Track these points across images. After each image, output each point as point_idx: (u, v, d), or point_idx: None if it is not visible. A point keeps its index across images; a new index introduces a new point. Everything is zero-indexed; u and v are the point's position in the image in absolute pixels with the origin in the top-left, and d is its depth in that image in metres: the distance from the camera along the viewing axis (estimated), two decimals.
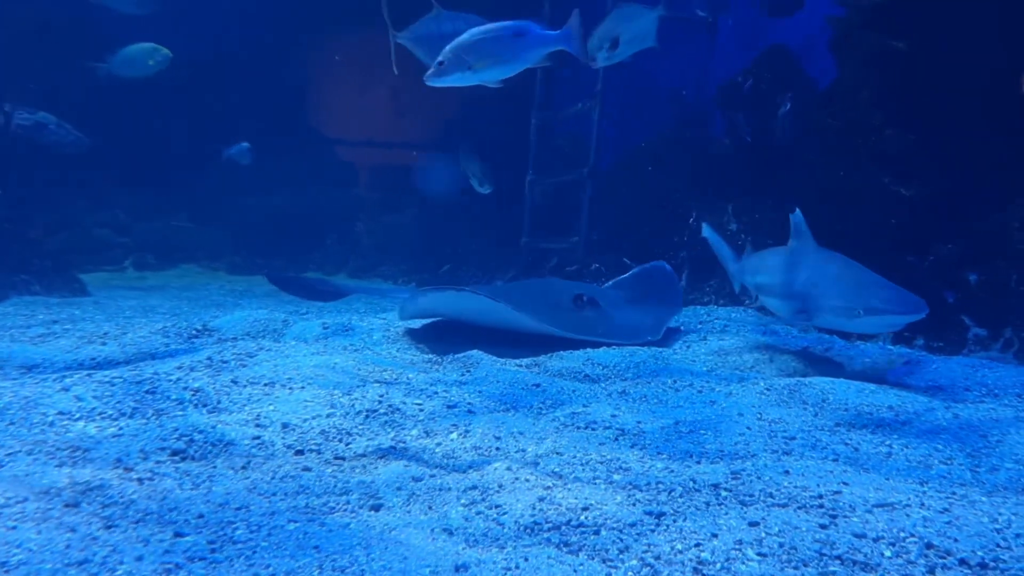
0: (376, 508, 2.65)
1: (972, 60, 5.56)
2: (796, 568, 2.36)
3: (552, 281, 7.30)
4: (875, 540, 2.55)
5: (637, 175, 8.83)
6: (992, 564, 2.42)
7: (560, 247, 9.16)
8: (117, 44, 10.30)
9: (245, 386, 4.40)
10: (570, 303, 6.07)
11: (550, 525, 2.56)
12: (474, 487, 2.85)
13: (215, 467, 3.04)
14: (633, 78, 9.13)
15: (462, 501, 2.73)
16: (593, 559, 2.37)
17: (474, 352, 5.82)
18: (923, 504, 2.81)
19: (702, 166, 8.38)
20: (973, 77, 5.61)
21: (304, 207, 14.13)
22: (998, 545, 2.53)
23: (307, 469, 3.01)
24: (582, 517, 2.61)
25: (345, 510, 2.61)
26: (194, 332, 6.30)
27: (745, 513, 2.69)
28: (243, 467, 3.03)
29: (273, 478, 2.86)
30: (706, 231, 6.19)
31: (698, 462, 3.27)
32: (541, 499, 2.75)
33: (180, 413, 3.85)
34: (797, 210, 5.08)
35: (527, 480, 2.94)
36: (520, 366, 5.50)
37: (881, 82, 5.86)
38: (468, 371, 5.17)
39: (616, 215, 8.87)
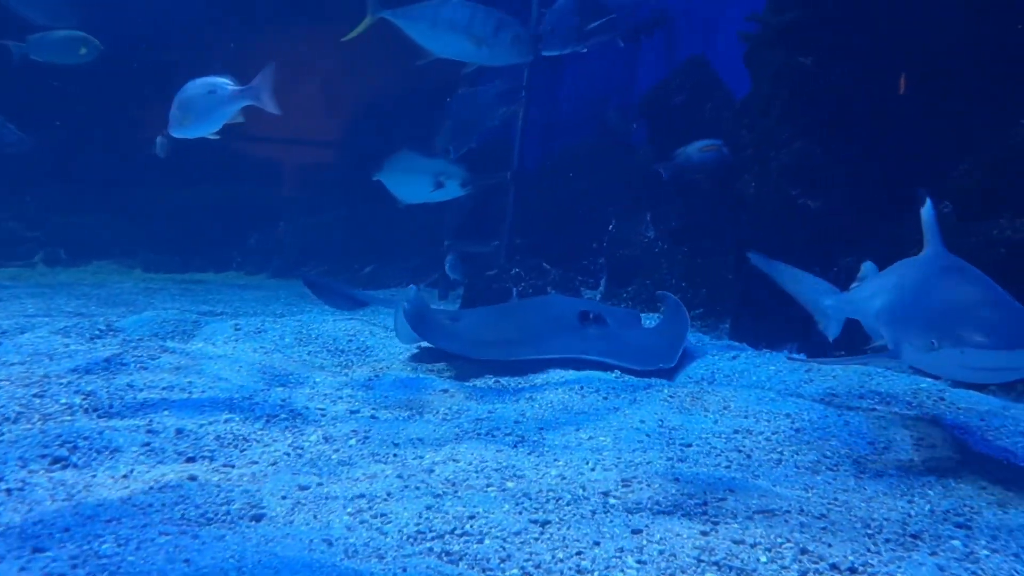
0: (257, 518, 2.60)
1: (873, 77, 5.76)
2: (673, 575, 2.40)
3: (554, 299, 6.78)
4: (752, 546, 2.61)
5: (560, 181, 8.91)
6: (861, 569, 2.50)
7: (483, 250, 9.18)
8: (34, 27, 9.94)
9: (142, 390, 4.28)
10: (575, 322, 5.61)
11: (434, 534, 2.55)
12: (362, 495, 2.82)
13: (95, 476, 2.94)
14: (558, 85, 9.20)
15: (348, 510, 2.69)
16: (473, 568, 2.37)
17: (385, 357, 5.79)
18: (803, 510, 2.89)
19: (622, 174, 8.49)
20: (873, 93, 5.81)
21: (226, 204, 13.83)
22: (868, 550, 2.62)
23: (192, 478, 2.94)
24: (467, 526, 2.61)
25: (224, 521, 2.56)
26: (97, 332, 6.10)
27: (630, 521, 2.72)
28: (124, 476, 2.94)
29: (153, 488, 2.78)
30: (757, 260, 4.92)
31: (592, 469, 3.30)
32: (429, 507, 2.73)
33: (68, 418, 3.71)
34: (928, 201, 3.70)
35: (417, 488, 2.92)
36: (431, 371, 5.49)
37: (790, 97, 6.03)
38: (377, 376, 5.12)
39: (538, 220, 8.92)
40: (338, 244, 12.13)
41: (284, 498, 2.76)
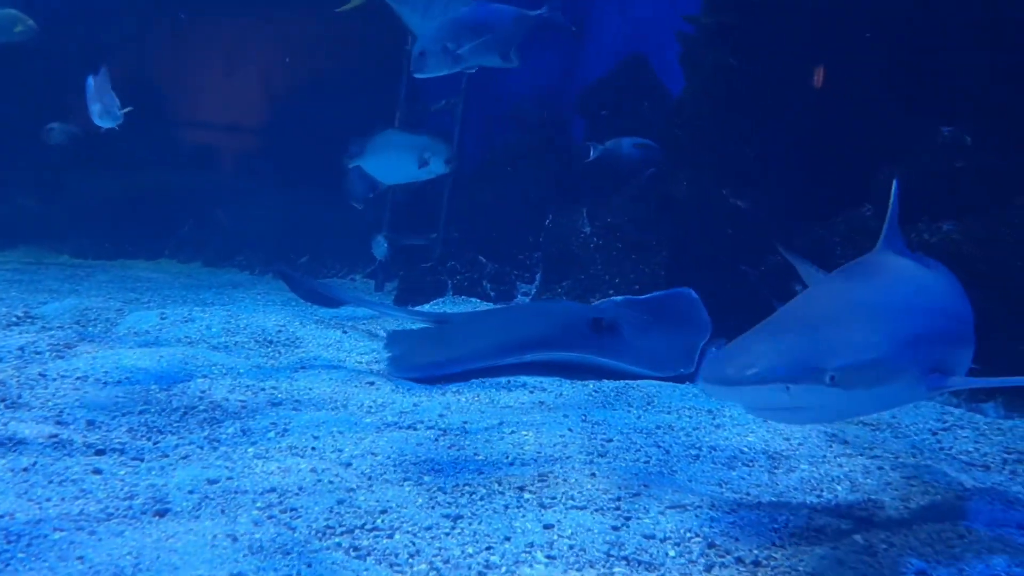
0: (161, 514, 2.54)
1: (803, 80, 5.87)
2: (580, 570, 2.42)
3: (561, 305, 6.41)
4: (662, 540, 2.65)
5: (498, 174, 8.88)
6: (765, 562, 2.55)
7: (419, 243, 9.11)
8: None
9: (55, 379, 4.15)
10: (586, 329, 5.17)
11: (344, 529, 2.52)
12: (273, 490, 2.78)
13: None
14: (498, 78, 9.16)
15: (258, 505, 2.65)
16: (381, 564, 2.35)
17: (312, 347, 5.72)
18: (714, 505, 2.94)
19: (560, 168, 8.52)
20: (803, 96, 5.92)
21: (160, 191, 13.45)
22: (773, 544, 2.68)
23: (97, 472, 2.86)
24: (378, 520, 2.59)
25: (125, 516, 2.49)
26: (14, 319, 5.91)
27: (543, 516, 2.73)
28: (25, 469, 2.84)
29: (52, 481, 2.70)
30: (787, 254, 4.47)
31: (511, 464, 3.31)
32: (341, 502, 2.71)
33: None
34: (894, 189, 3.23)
35: (331, 482, 2.89)
36: (360, 364, 5.43)
37: (721, 97, 6.11)
38: (304, 368, 5.05)
39: (475, 213, 8.90)
40: (274, 233, 11.88)
41: (191, 492, 2.70)
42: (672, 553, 2.58)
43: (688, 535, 2.69)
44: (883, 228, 3.17)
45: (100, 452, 3.19)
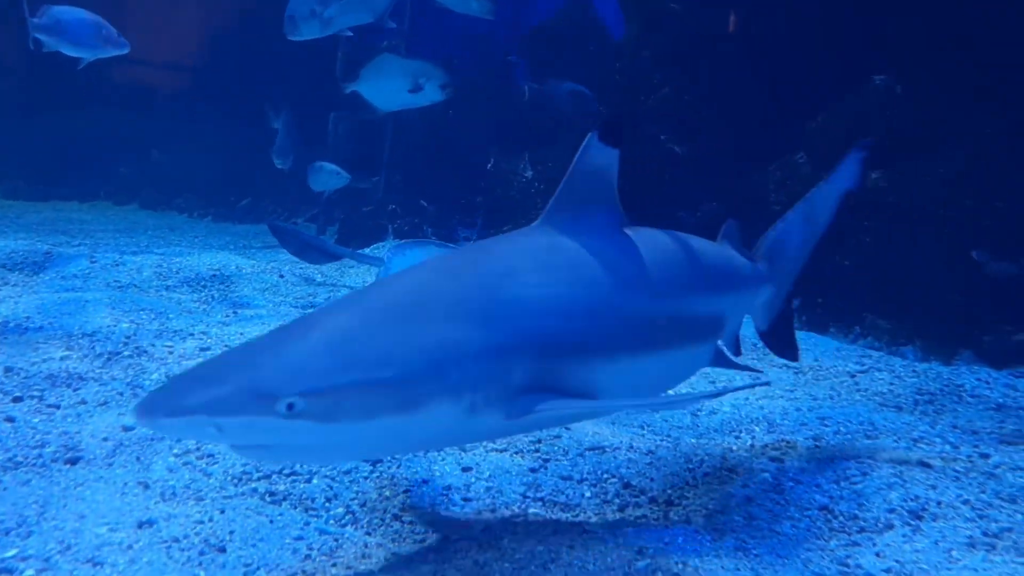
0: (73, 461, 2.51)
1: (741, 25, 5.87)
2: (495, 511, 2.47)
3: None
4: (579, 482, 2.71)
5: (440, 118, 8.77)
6: (677, 501, 2.63)
7: (361, 186, 8.99)
8: None
9: None
10: None
11: (261, 475, 2.52)
12: None
13: None
14: (442, 20, 8.98)
15: (175, 451, 2.63)
16: (296, 508, 2.36)
17: (247, 291, 5.65)
18: (632, 447, 3.01)
19: (502, 113, 8.44)
20: (741, 43, 5.93)
21: (95, 131, 13.03)
22: (687, 483, 2.76)
23: (10, 420, 2.80)
24: (296, 465, 2.60)
25: (35, 465, 2.46)
26: None
27: (463, 459, 2.77)
28: None
29: None
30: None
31: None
32: None
33: None
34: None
35: None
36: (295, 308, 5.39)
37: (660, 43, 6.08)
38: (236, 312, 5.00)
39: (418, 157, 8.80)
40: (214, 175, 11.63)
41: (106, 440, 2.67)
42: (588, 494, 2.64)
43: (605, 476, 2.75)
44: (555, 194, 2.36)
45: (17, 399, 3.12)
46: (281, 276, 6.34)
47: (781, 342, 3.23)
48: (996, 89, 4.66)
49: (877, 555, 2.33)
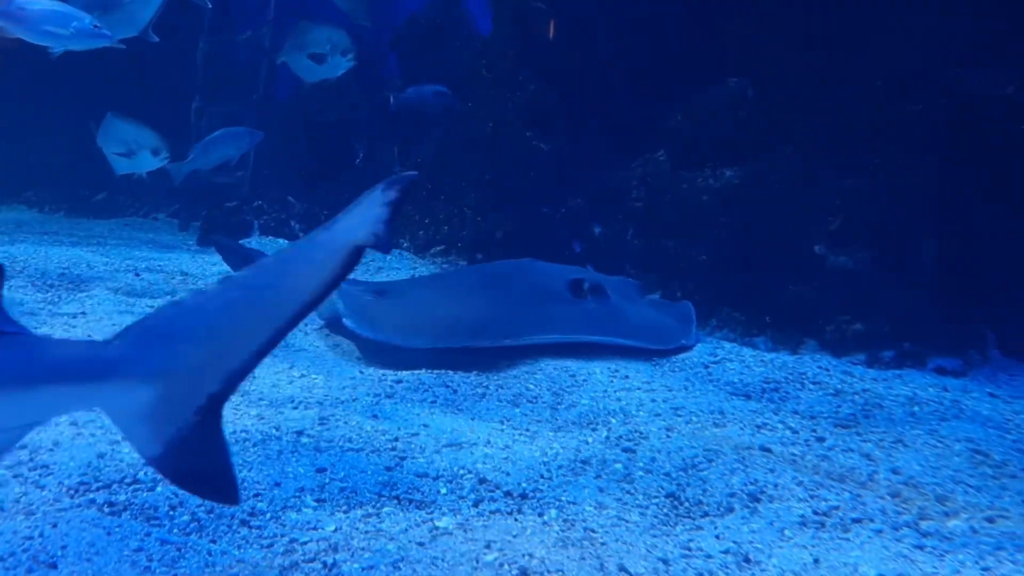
0: None
1: (604, 24, 6.02)
2: (348, 512, 2.44)
3: (527, 264, 5.20)
4: (435, 479, 2.72)
5: (310, 111, 8.56)
6: (532, 494, 2.68)
7: (226, 181, 8.68)
8: None
9: None
10: (565, 292, 4.60)
11: (100, 484, 2.41)
12: (24, 447, 2.60)
13: None
14: (309, 9, 8.78)
15: (5, 464, 2.48)
16: (137, 518, 2.27)
17: (98, 292, 5.38)
18: (489, 442, 3.04)
19: (371, 106, 8.33)
20: (606, 42, 6.08)
21: None
22: (542, 476, 2.81)
23: None
24: (140, 473, 2.49)
25: None
26: None
27: (317, 459, 2.73)
28: None
29: None
30: None
31: (295, 408, 3.27)
32: (101, 455, 2.58)
33: None
34: None
35: (93, 435, 2.74)
36: (150, 307, 5.16)
37: (526, 40, 6.16)
38: (84, 312, 4.74)
39: (286, 151, 8.57)
40: (64, 168, 10.93)
41: None
42: (444, 490, 2.65)
43: (461, 472, 2.77)
44: None
45: None
46: (137, 275, 6.06)
47: (196, 471, 1.93)
48: (831, 97, 4.97)
49: (717, 537, 2.45)
